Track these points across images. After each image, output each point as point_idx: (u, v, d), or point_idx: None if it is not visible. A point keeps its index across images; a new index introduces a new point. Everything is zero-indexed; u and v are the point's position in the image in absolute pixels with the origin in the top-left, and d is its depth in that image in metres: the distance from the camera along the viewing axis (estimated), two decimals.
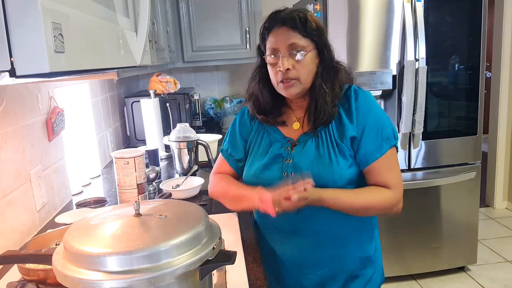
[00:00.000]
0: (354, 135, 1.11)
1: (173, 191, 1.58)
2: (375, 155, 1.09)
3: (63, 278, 0.64)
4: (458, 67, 2.55)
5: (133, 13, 1.00)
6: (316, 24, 1.10)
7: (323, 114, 1.11)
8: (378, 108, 1.14)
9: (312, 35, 1.09)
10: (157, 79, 2.48)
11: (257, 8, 3.04)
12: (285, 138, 1.19)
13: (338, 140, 1.12)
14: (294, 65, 1.09)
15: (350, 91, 1.14)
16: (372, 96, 1.17)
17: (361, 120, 1.11)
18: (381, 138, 1.10)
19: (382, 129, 1.10)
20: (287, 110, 1.23)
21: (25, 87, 1.34)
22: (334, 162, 1.10)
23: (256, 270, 1.04)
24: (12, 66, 0.44)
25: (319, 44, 1.11)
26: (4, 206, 1.18)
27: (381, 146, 1.10)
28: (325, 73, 1.12)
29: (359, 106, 1.12)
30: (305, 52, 1.09)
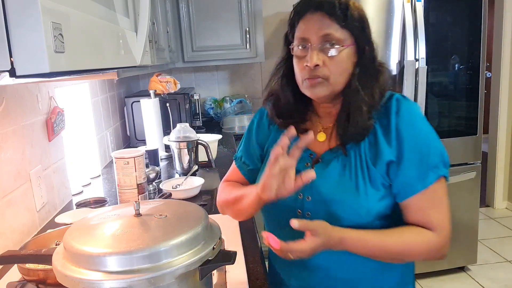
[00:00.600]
0: (391, 160, 0.88)
1: (173, 191, 1.58)
2: (416, 187, 0.87)
3: (63, 278, 0.64)
4: (458, 67, 2.55)
5: (133, 13, 1.00)
6: (359, 14, 0.90)
7: (356, 127, 0.90)
8: (425, 126, 0.91)
9: (352, 27, 0.89)
10: (157, 79, 2.48)
11: (257, 8, 3.04)
12: (306, 150, 0.97)
13: (370, 164, 0.90)
14: (325, 61, 0.89)
15: (391, 101, 0.91)
16: (419, 109, 0.93)
17: (401, 141, 0.88)
18: (426, 166, 0.88)
19: (428, 154, 0.88)
20: (313, 116, 1.02)
21: (25, 87, 1.34)
22: (362, 192, 0.89)
23: (256, 270, 1.04)
24: (12, 66, 0.44)
25: (360, 39, 0.90)
26: (4, 206, 1.18)
27: (425, 176, 0.87)
28: (363, 75, 0.91)
29: (400, 122, 0.89)
30: (341, 46, 0.88)
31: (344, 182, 0.91)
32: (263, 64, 3.46)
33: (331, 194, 0.91)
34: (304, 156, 0.96)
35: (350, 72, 0.91)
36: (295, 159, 0.83)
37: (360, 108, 0.90)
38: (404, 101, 0.92)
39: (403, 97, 0.93)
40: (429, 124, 0.92)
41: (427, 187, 0.88)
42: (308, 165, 0.97)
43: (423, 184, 0.88)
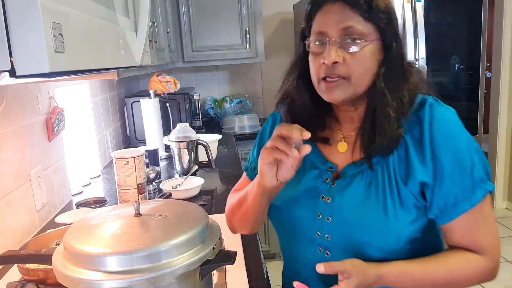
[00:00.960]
0: (425, 181, 0.77)
1: (173, 191, 1.58)
2: (463, 205, 0.76)
3: (63, 278, 0.64)
4: (458, 67, 2.55)
5: (133, 13, 1.00)
6: (385, 5, 0.78)
7: (383, 136, 0.78)
8: (465, 136, 0.78)
9: (378, 19, 0.76)
10: (157, 79, 2.48)
11: (257, 8, 3.04)
12: (326, 163, 0.87)
13: (400, 181, 0.78)
14: (345, 58, 0.77)
15: (424, 109, 0.79)
16: (456, 115, 0.80)
17: (440, 156, 0.76)
18: (472, 181, 0.76)
19: (472, 167, 0.76)
20: (332, 122, 0.90)
21: (25, 87, 1.34)
22: (391, 214, 0.77)
23: (256, 270, 1.04)
24: (12, 66, 0.44)
25: (386, 34, 0.78)
26: (4, 206, 1.18)
27: (472, 192, 0.76)
28: (390, 76, 0.79)
29: (436, 134, 0.76)
30: (364, 41, 0.76)
31: (370, 203, 0.79)
32: (263, 64, 3.46)
33: (355, 216, 0.80)
34: (322, 169, 0.86)
35: (375, 72, 0.79)
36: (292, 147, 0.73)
37: (387, 114, 0.77)
38: (438, 107, 0.79)
39: (436, 101, 0.81)
40: (467, 131, 0.79)
41: (475, 204, 0.76)
42: (327, 180, 0.85)
43: (470, 203, 0.76)
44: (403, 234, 0.77)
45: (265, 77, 3.53)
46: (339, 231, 0.82)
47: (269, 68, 3.47)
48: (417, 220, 0.78)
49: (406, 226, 0.77)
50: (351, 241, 0.80)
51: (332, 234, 0.83)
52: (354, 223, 0.80)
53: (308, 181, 0.87)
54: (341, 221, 0.82)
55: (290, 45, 3.41)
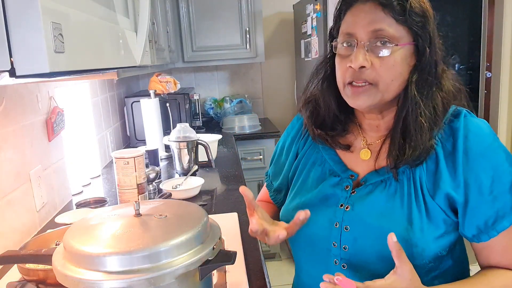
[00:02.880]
0: (452, 195, 0.73)
1: (173, 191, 1.58)
2: (503, 222, 0.71)
3: (63, 278, 0.64)
4: (459, 67, 2.55)
5: (133, 13, 1.00)
6: (421, 7, 0.73)
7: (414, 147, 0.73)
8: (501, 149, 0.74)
9: (411, 22, 0.72)
10: (157, 79, 2.49)
11: (257, 8, 3.04)
12: (346, 170, 0.83)
13: (427, 195, 0.74)
14: (373, 63, 0.73)
15: (459, 120, 0.75)
16: (490, 128, 0.76)
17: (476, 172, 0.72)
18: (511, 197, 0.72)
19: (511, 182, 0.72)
20: (356, 129, 0.86)
21: (25, 87, 1.34)
22: (417, 227, 0.72)
23: (256, 270, 1.04)
24: (12, 66, 0.44)
25: (420, 38, 0.73)
26: (4, 206, 1.18)
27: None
28: (422, 83, 0.74)
29: (472, 147, 0.72)
30: (395, 45, 0.72)
31: (393, 212, 0.75)
32: (263, 64, 3.46)
33: (376, 226, 0.75)
34: (343, 177, 0.82)
35: (405, 78, 0.75)
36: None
37: (420, 124, 0.73)
38: (472, 119, 0.76)
39: (469, 113, 0.78)
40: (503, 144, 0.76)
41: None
42: (348, 188, 0.81)
43: (510, 219, 0.72)
44: (428, 249, 0.73)
45: (265, 77, 3.53)
46: (358, 241, 0.77)
47: (269, 68, 3.47)
48: (444, 236, 0.74)
49: (432, 241, 0.73)
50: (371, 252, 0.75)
51: (350, 244, 0.78)
52: (375, 233, 0.75)
53: (326, 188, 0.83)
54: (361, 231, 0.77)
55: (290, 45, 3.41)
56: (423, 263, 0.73)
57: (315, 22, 2.60)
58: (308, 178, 0.88)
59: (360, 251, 0.77)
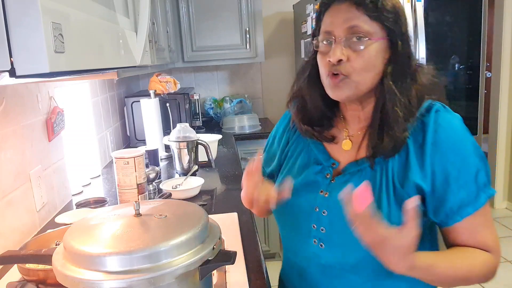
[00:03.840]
0: (420, 185, 0.79)
1: (173, 191, 1.58)
2: (467, 209, 0.78)
3: (63, 278, 0.64)
4: (458, 67, 2.55)
5: (133, 13, 1.00)
6: (392, 6, 0.79)
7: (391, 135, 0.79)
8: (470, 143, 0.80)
9: (384, 18, 0.78)
10: (157, 79, 2.48)
11: (257, 8, 3.04)
12: (328, 159, 0.90)
13: (397, 184, 0.80)
14: (350, 56, 0.78)
15: (430, 115, 0.80)
16: (461, 121, 0.82)
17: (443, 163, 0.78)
18: (477, 187, 0.78)
19: (477, 173, 0.78)
20: (340, 121, 0.92)
21: (25, 87, 1.34)
22: (384, 213, 0.79)
23: (256, 270, 1.04)
24: (12, 66, 0.44)
25: (393, 33, 0.79)
26: (4, 206, 1.18)
27: (477, 197, 0.78)
28: (397, 74, 0.80)
29: (441, 141, 0.78)
30: (370, 40, 0.78)
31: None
32: (263, 64, 3.46)
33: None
34: (326, 165, 0.89)
35: (380, 70, 0.81)
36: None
37: (396, 114, 0.78)
38: (445, 113, 0.81)
39: (444, 107, 0.83)
40: (472, 137, 0.81)
41: (480, 207, 0.78)
42: (328, 176, 0.88)
43: (474, 206, 0.78)
44: None
45: (265, 77, 3.53)
46: (333, 224, 0.84)
47: (269, 68, 3.47)
48: None
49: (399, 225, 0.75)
50: (344, 235, 0.80)
51: (327, 227, 0.86)
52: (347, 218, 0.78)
53: (309, 175, 0.90)
54: (336, 215, 0.83)
55: (290, 45, 3.41)
56: None
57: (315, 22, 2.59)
58: (295, 165, 0.95)
59: (335, 233, 0.83)
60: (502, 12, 3.47)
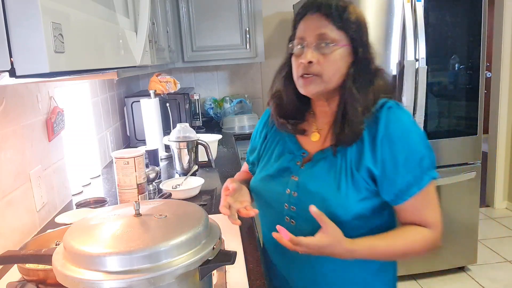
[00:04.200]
0: (371, 169, 0.92)
1: (173, 191, 1.58)
2: (413, 190, 0.92)
3: (63, 278, 0.64)
4: (458, 67, 2.55)
5: (133, 13, 1.00)
6: (356, 17, 0.94)
7: (351, 126, 0.93)
8: (416, 134, 0.94)
9: (348, 28, 0.93)
10: (157, 79, 2.48)
11: (257, 8, 3.04)
12: (300, 149, 1.04)
13: (354, 168, 0.94)
14: (319, 59, 0.93)
15: (382, 111, 0.94)
16: (410, 117, 0.96)
17: (387, 154, 0.91)
18: (421, 170, 0.92)
19: (422, 159, 0.92)
20: (310, 116, 1.07)
21: (25, 87, 1.34)
22: (343, 193, 0.93)
23: (256, 270, 1.04)
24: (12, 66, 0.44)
25: (355, 41, 0.94)
26: (4, 206, 1.18)
27: (420, 179, 0.92)
28: (357, 76, 0.94)
29: (388, 134, 0.91)
30: (335, 45, 0.92)
31: (328, 182, 0.96)
32: (263, 64, 3.46)
33: (315, 192, 0.97)
34: (297, 154, 1.04)
35: (344, 72, 0.95)
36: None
37: (355, 108, 0.93)
38: (396, 110, 0.94)
39: (396, 104, 0.96)
40: (419, 129, 0.96)
41: (422, 188, 0.92)
42: (298, 163, 1.03)
43: (418, 187, 0.92)
44: (350, 209, 0.93)
45: (265, 77, 3.53)
46: (302, 204, 0.97)
47: (269, 68, 3.47)
48: (366, 200, 0.94)
49: (355, 203, 0.93)
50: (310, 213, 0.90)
51: (296, 206, 0.99)
52: (313, 197, 0.96)
53: (283, 163, 1.05)
54: (304, 196, 0.98)
55: None
56: (348, 220, 0.93)
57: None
58: (272, 154, 1.09)
59: (303, 211, 0.94)
60: (502, 12, 3.47)
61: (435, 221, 0.95)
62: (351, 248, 0.89)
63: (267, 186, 1.06)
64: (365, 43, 0.96)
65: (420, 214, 0.94)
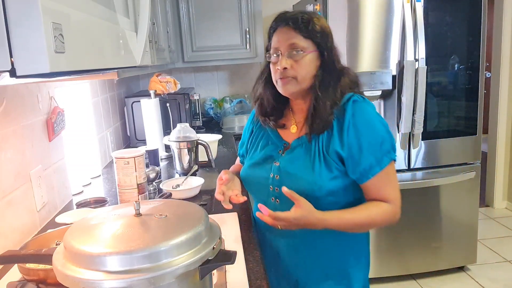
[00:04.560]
0: (339, 152, 1.08)
1: (173, 191, 1.58)
2: (375, 169, 1.07)
3: (64, 278, 0.64)
4: (458, 67, 2.55)
5: (133, 13, 1.00)
6: (320, 27, 1.10)
7: (321, 118, 1.10)
8: (377, 123, 1.10)
9: (314, 37, 1.09)
10: (157, 79, 2.49)
11: (257, 8, 3.04)
12: (281, 140, 1.21)
13: (325, 151, 1.11)
14: (292, 65, 1.10)
15: (349, 103, 1.10)
16: (373, 108, 1.13)
17: (353, 139, 1.07)
18: (381, 153, 1.08)
19: (382, 143, 1.08)
20: (289, 113, 1.23)
21: (25, 87, 1.34)
22: (317, 172, 1.09)
23: (256, 270, 1.04)
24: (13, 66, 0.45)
25: (321, 47, 1.11)
26: (4, 206, 1.18)
27: (381, 160, 1.07)
28: (325, 76, 1.11)
29: (354, 123, 1.08)
30: (304, 52, 1.09)
31: (304, 164, 1.12)
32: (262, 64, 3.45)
33: (293, 173, 1.13)
34: (279, 144, 1.21)
35: (314, 74, 1.11)
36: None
37: (324, 103, 1.10)
38: (359, 104, 1.11)
39: (362, 98, 1.12)
40: (381, 118, 1.13)
41: (383, 168, 1.08)
42: (280, 152, 1.19)
43: (380, 167, 1.07)
44: (323, 186, 1.09)
45: None
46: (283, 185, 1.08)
47: None
48: (336, 178, 1.09)
49: (327, 181, 1.09)
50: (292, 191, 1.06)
51: (279, 187, 1.12)
52: (292, 178, 1.12)
53: (267, 151, 1.22)
54: (285, 178, 1.14)
55: None
56: (322, 195, 1.09)
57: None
58: (258, 146, 1.26)
59: None
60: (502, 12, 3.47)
61: (394, 197, 1.10)
62: (321, 218, 1.04)
63: (254, 173, 1.22)
64: (330, 48, 1.12)
65: (381, 191, 1.10)
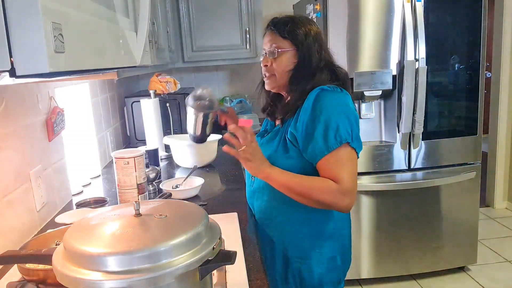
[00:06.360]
0: (292, 132, 1.22)
1: (173, 191, 1.58)
2: (323, 151, 1.16)
3: (63, 278, 0.64)
4: (458, 67, 2.55)
5: (133, 13, 1.00)
6: (300, 29, 1.24)
7: (288, 107, 1.26)
8: (336, 109, 1.18)
9: (292, 37, 1.23)
10: (157, 79, 2.49)
11: (257, 8, 3.03)
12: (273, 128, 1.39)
13: (285, 133, 1.25)
14: (272, 62, 1.26)
15: (315, 91, 1.20)
16: (340, 98, 1.21)
17: (307, 121, 1.18)
18: (333, 136, 1.15)
19: (336, 128, 1.15)
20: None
21: (25, 87, 1.34)
22: (274, 150, 1.26)
23: (256, 270, 1.04)
24: (12, 66, 0.45)
25: (297, 46, 1.24)
26: (4, 206, 1.18)
27: (332, 143, 1.15)
28: (299, 71, 1.24)
29: (312, 107, 1.18)
30: (281, 51, 1.24)
31: (271, 145, 1.29)
32: None
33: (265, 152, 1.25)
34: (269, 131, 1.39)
35: (291, 69, 1.25)
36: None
37: (293, 94, 1.25)
38: (325, 92, 1.19)
39: (333, 88, 1.21)
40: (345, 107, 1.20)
41: (331, 151, 1.16)
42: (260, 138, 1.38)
43: (328, 150, 1.16)
44: (277, 163, 1.21)
45: None
46: None
47: None
48: (290, 158, 1.22)
49: (282, 159, 1.23)
50: None
51: None
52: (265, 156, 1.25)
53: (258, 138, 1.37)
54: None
55: None
56: None
57: None
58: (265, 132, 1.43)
59: None
60: (502, 12, 3.47)
61: (341, 177, 1.16)
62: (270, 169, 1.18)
63: None
64: (307, 46, 1.23)
65: (331, 172, 1.17)
